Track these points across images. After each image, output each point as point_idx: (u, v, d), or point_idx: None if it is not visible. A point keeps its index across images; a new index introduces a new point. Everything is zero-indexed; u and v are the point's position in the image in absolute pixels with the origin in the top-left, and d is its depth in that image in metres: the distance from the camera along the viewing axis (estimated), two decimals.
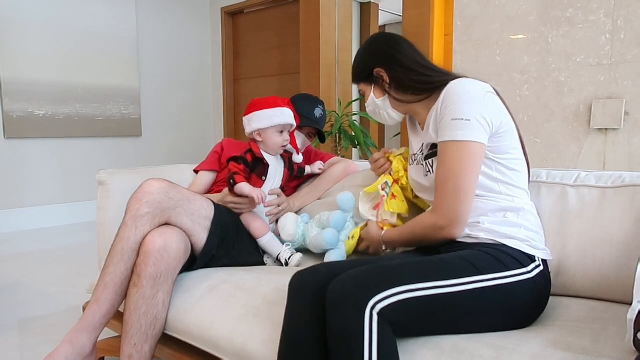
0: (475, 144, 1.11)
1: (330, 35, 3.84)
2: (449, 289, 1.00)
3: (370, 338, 0.90)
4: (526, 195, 1.21)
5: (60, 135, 4.07)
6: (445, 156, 1.13)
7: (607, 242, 1.19)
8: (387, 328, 0.93)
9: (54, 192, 4.08)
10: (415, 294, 0.97)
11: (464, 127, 1.10)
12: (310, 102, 1.87)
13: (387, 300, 0.94)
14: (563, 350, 0.89)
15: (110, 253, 1.31)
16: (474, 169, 1.12)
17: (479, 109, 1.11)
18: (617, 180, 1.26)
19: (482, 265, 1.05)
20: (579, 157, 2.35)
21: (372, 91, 1.34)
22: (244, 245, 1.56)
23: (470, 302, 1.01)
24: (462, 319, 1.01)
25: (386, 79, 1.30)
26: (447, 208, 1.12)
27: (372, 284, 0.95)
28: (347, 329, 0.91)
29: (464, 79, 1.19)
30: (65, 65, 4.04)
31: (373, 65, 1.32)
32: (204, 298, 1.31)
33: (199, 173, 1.86)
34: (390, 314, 0.93)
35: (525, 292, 1.06)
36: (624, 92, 2.19)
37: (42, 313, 2.12)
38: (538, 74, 2.42)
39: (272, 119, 1.57)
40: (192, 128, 5.05)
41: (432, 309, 0.99)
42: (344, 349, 0.91)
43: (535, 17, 2.40)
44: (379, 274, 0.99)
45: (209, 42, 5.13)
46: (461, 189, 1.11)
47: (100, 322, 1.28)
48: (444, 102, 1.15)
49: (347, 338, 0.91)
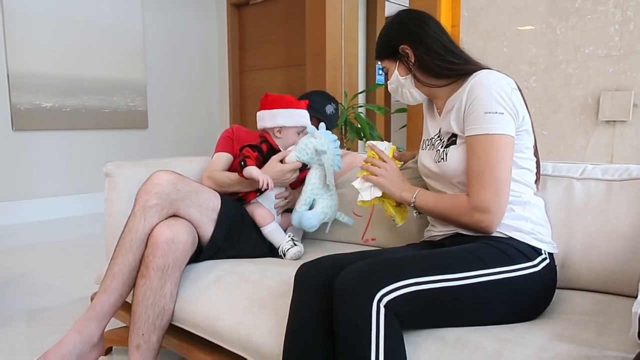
0: (508, 137, 1.12)
1: (335, 26, 3.82)
2: (456, 282, 1.00)
3: (378, 330, 0.91)
4: (532, 192, 1.21)
5: (67, 128, 4.09)
6: (478, 149, 1.13)
7: (613, 235, 1.19)
8: (394, 320, 0.93)
9: (61, 184, 4.11)
10: (421, 287, 0.97)
11: (498, 121, 1.11)
12: (324, 98, 1.91)
13: (393, 293, 0.94)
14: (567, 342, 0.89)
15: (118, 244, 1.32)
16: (508, 161, 1.13)
17: (510, 103, 1.12)
18: (623, 173, 1.25)
19: (489, 259, 1.05)
20: (587, 150, 2.33)
21: (397, 68, 1.30)
22: (249, 237, 1.57)
23: (477, 296, 1.01)
24: (468, 312, 1.02)
25: (411, 57, 1.26)
26: (484, 199, 1.11)
27: (379, 277, 0.96)
28: (354, 322, 0.92)
29: (491, 71, 1.18)
30: (72, 57, 4.05)
31: (399, 41, 1.27)
32: (209, 289, 1.33)
33: (217, 154, 1.78)
34: (396, 307, 0.94)
35: (532, 286, 1.06)
36: (632, 84, 2.17)
37: (50, 304, 2.14)
38: (546, 65, 2.40)
39: (299, 119, 1.63)
40: (198, 120, 5.05)
41: (439, 301, 0.99)
42: (350, 342, 0.92)
43: (543, 8, 2.37)
44: (386, 267, 0.99)
45: (214, 34, 5.12)
46: (499, 180, 1.11)
47: (108, 311, 1.29)
48: (472, 94, 1.14)
49: (354, 330, 0.92)
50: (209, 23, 5.07)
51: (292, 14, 4.42)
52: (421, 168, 1.36)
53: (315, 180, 1.55)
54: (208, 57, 5.09)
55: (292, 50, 4.47)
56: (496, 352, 0.89)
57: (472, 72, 1.19)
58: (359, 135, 3.55)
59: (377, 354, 0.90)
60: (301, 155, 1.55)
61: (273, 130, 1.64)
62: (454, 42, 1.28)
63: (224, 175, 1.64)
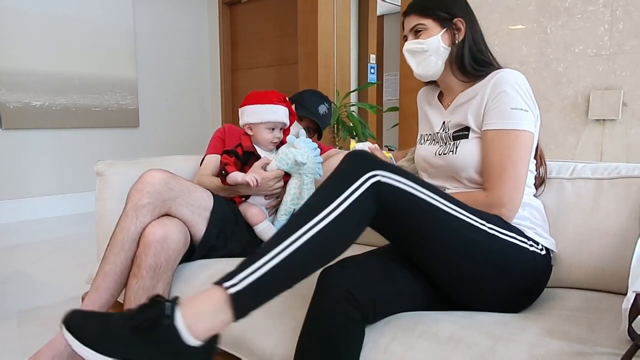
0: (531, 134, 1.14)
1: (328, 25, 3.82)
2: (450, 210, 1.00)
3: (355, 190, 0.93)
4: (531, 192, 1.23)
5: (57, 126, 4.06)
6: (501, 144, 1.13)
7: (603, 233, 1.20)
8: (373, 196, 0.94)
9: (52, 183, 4.08)
10: (417, 194, 0.97)
11: (524, 118, 1.13)
12: (317, 98, 1.89)
13: (389, 179, 0.95)
14: (559, 339, 0.90)
15: (110, 243, 1.31)
16: (528, 157, 1.15)
17: (533, 103, 1.15)
18: (612, 171, 1.26)
19: (489, 219, 1.06)
20: (577, 148, 2.35)
21: (441, 35, 1.23)
22: (242, 236, 1.57)
23: (462, 233, 1.01)
24: (447, 247, 1.01)
25: (461, 34, 1.23)
26: (505, 193, 1.11)
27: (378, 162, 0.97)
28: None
29: (514, 70, 1.19)
30: (62, 55, 4.01)
31: (457, 11, 1.24)
32: (202, 288, 1.32)
33: (207, 156, 1.80)
34: (384, 191, 0.95)
35: (521, 258, 1.07)
36: (622, 83, 2.19)
37: (41, 303, 2.13)
38: (536, 64, 2.42)
39: (262, 115, 1.58)
40: (190, 119, 5.03)
41: (425, 212, 0.98)
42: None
43: (534, 7, 2.39)
44: (385, 162, 0.99)
45: (206, 32, 5.09)
46: (519, 176, 1.12)
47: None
48: (497, 88, 1.15)
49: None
50: (200, 21, 5.05)
51: (285, 12, 4.42)
52: (420, 163, 1.35)
53: (295, 190, 1.55)
54: (200, 55, 5.07)
55: (284, 49, 4.46)
56: (489, 348, 0.89)
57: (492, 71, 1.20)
58: (351, 134, 3.56)
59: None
60: (281, 165, 1.53)
61: (245, 128, 1.64)
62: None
63: (210, 180, 1.63)
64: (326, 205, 0.92)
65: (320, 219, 0.91)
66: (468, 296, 1.08)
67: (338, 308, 0.94)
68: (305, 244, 0.89)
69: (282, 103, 1.62)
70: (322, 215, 0.91)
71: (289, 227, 0.93)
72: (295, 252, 0.89)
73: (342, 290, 0.94)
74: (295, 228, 0.91)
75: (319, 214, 0.91)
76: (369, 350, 0.97)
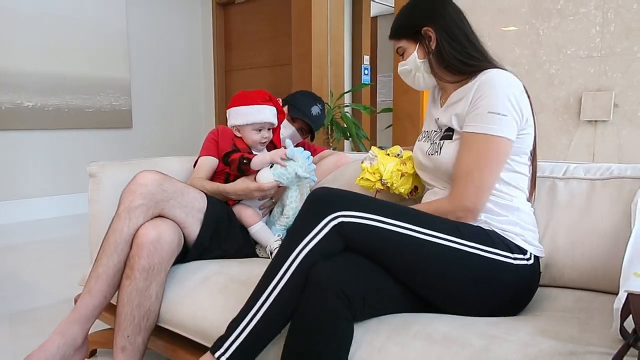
0: (506, 141, 1.10)
1: (322, 26, 3.82)
2: (422, 236, 1.01)
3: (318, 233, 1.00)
4: (524, 197, 1.20)
5: (50, 127, 4.03)
6: (473, 147, 1.12)
7: (595, 233, 1.21)
8: (337, 238, 1.00)
9: (45, 185, 4.05)
10: (383, 225, 1.00)
11: (500, 122, 1.09)
12: (310, 99, 1.88)
13: (351, 218, 1.00)
14: (552, 338, 0.90)
15: (102, 245, 1.31)
16: (499, 164, 1.12)
17: (516, 107, 1.11)
18: (605, 172, 1.27)
19: (468, 233, 1.05)
20: (569, 149, 2.36)
21: (416, 50, 1.24)
22: (236, 237, 1.56)
23: (439, 259, 1.01)
24: (425, 273, 1.02)
25: (433, 42, 1.22)
26: (467, 198, 1.11)
27: (343, 202, 1.02)
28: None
29: (501, 71, 1.16)
30: (54, 56, 3.99)
31: (423, 22, 1.22)
32: (196, 290, 1.32)
33: (201, 158, 1.78)
34: (348, 230, 1.00)
35: (504, 274, 1.06)
36: (613, 85, 2.21)
37: (34, 305, 2.11)
38: (529, 66, 2.43)
39: (247, 117, 1.57)
40: (183, 120, 5.02)
41: (395, 245, 1.01)
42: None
43: (527, 9, 2.40)
44: (355, 197, 1.04)
45: (199, 33, 5.08)
46: (485, 182, 1.11)
47: (92, 313, 1.28)
48: (479, 91, 1.12)
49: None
50: (194, 22, 5.03)
51: (278, 13, 4.41)
52: (415, 160, 1.35)
53: (296, 204, 1.56)
54: (193, 56, 5.06)
55: (278, 50, 4.46)
56: (483, 348, 0.90)
57: (483, 69, 1.17)
58: (345, 135, 3.56)
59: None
60: (282, 179, 1.49)
61: (234, 130, 1.63)
62: (476, 34, 1.25)
63: (201, 185, 1.61)
64: (291, 251, 1.00)
65: (287, 267, 1.00)
66: (456, 310, 1.07)
67: (328, 305, 0.95)
68: (275, 302, 1.00)
69: (268, 102, 1.59)
70: (288, 263, 1.00)
71: (260, 284, 1.03)
72: (270, 308, 1.00)
73: (333, 286, 0.95)
74: (268, 281, 1.01)
75: (286, 263, 1.00)
76: (364, 350, 0.97)
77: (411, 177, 1.41)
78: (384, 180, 1.39)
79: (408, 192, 1.43)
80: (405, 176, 1.40)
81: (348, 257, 1.03)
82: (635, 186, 1.20)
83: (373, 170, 1.40)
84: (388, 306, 1.06)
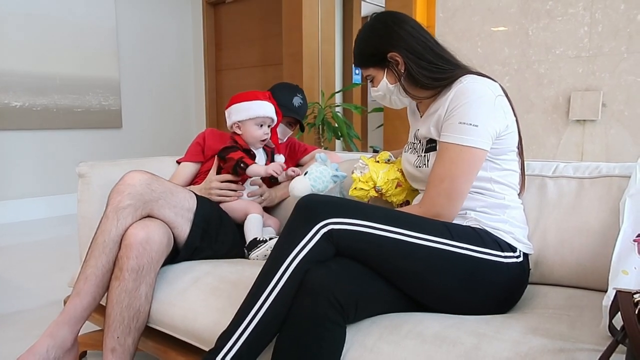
0: (478, 151, 1.10)
1: (312, 26, 3.82)
2: (412, 239, 1.01)
3: (307, 242, 0.99)
4: (515, 193, 1.22)
5: (38, 127, 3.99)
6: (445, 156, 1.12)
7: (584, 231, 1.22)
8: (328, 245, 1.00)
9: (33, 185, 4.01)
10: (373, 231, 1.00)
11: (471, 133, 1.09)
12: (289, 92, 1.87)
13: (341, 225, 0.99)
14: (542, 336, 0.91)
15: (91, 246, 1.29)
16: (471, 173, 1.12)
17: (489, 115, 1.10)
18: (594, 170, 1.28)
19: (458, 234, 1.05)
20: (558, 148, 2.38)
21: (385, 76, 1.24)
22: (226, 238, 1.56)
23: (430, 262, 1.02)
24: (416, 275, 1.03)
25: (401, 66, 1.20)
26: (438, 204, 1.11)
27: (333, 208, 1.01)
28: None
29: (476, 77, 1.15)
30: (42, 55, 3.95)
31: (387, 48, 1.21)
32: (187, 290, 1.31)
33: (181, 164, 1.82)
34: (338, 237, 0.99)
35: (495, 273, 1.07)
36: (601, 84, 2.23)
37: (22, 307, 2.09)
38: (518, 65, 2.45)
39: (249, 111, 1.59)
40: (173, 120, 4.99)
41: (385, 250, 1.01)
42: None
43: (516, 10, 2.42)
44: (345, 204, 1.03)
45: (190, 32, 5.06)
46: (455, 191, 1.11)
47: (81, 315, 1.26)
48: (453, 102, 1.12)
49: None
50: (184, 21, 5.01)
51: (269, 13, 4.41)
52: (405, 170, 1.36)
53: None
54: (183, 56, 5.03)
55: (268, 50, 4.45)
56: (474, 346, 0.90)
57: (458, 77, 1.16)
58: (336, 135, 3.56)
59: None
60: (317, 185, 1.47)
61: (234, 128, 1.64)
62: (440, 44, 1.24)
63: None
64: (283, 259, 1.00)
65: (280, 276, 0.99)
66: (447, 310, 1.08)
67: (319, 311, 0.95)
68: (268, 311, 0.99)
69: (269, 100, 1.64)
70: (281, 272, 0.99)
71: (251, 293, 1.02)
72: (263, 318, 0.99)
73: (325, 293, 0.95)
74: (260, 290, 1.00)
75: (278, 272, 0.99)
76: (355, 350, 0.97)
77: (406, 191, 1.42)
78: (378, 187, 1.39)
79: (398, 204, 1.44)
80: (402, 187, 1.41)
81: (341, 261, 1.02)
82: (623, 185, 1.21)
83: (365, 179, 1.40)
84: (381, 309, 1.07)
